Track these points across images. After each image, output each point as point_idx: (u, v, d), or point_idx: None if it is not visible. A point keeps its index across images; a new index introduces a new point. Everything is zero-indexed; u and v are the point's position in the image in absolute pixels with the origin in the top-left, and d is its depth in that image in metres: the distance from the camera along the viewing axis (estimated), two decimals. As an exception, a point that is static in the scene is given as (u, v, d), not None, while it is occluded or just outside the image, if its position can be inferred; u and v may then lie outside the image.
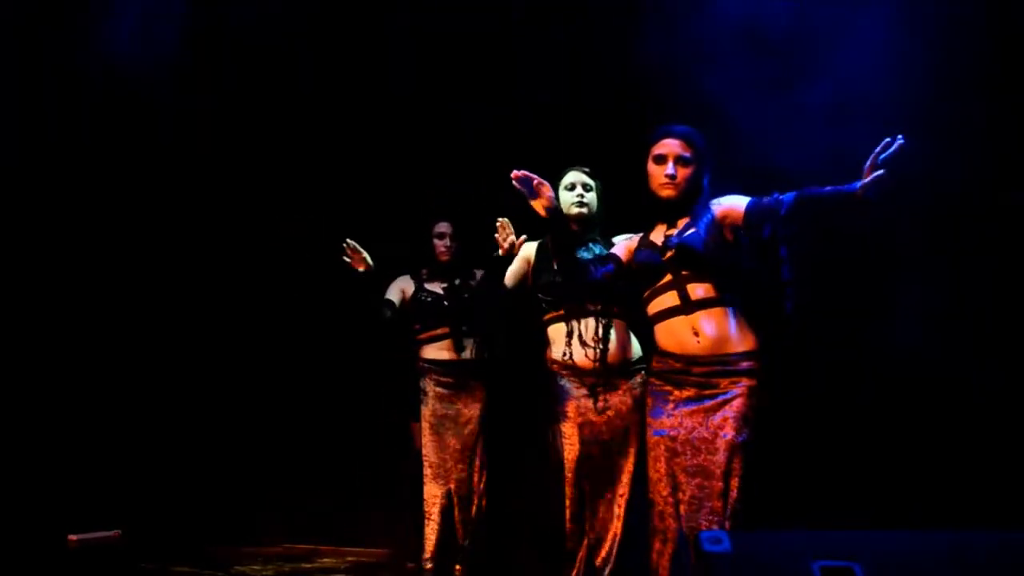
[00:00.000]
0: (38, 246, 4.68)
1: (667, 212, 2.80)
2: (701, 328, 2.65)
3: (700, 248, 2.66)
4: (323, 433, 4.87)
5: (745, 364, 2.64)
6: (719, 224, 2.69)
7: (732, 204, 2.70)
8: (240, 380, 5.05)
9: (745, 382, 2.63)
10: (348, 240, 3.75)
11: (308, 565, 4.49)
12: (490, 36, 4.39)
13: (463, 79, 4.45)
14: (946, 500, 3.29)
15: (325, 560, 4.61)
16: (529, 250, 3.39)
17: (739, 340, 2.66)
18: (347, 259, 3.74)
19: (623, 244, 2.95)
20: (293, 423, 4.98)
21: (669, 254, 2.72)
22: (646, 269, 2.77)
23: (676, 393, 2.69)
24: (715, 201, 2.74)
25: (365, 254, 3.74)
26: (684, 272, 2.69)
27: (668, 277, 2.72)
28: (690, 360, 2.67)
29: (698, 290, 2.67)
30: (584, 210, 3.33)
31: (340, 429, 4.81)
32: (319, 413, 4.89)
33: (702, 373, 2.65)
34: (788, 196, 2.57)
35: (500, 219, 3.06)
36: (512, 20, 4.35)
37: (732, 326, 2.66)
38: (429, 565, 3.83)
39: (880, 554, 1.73)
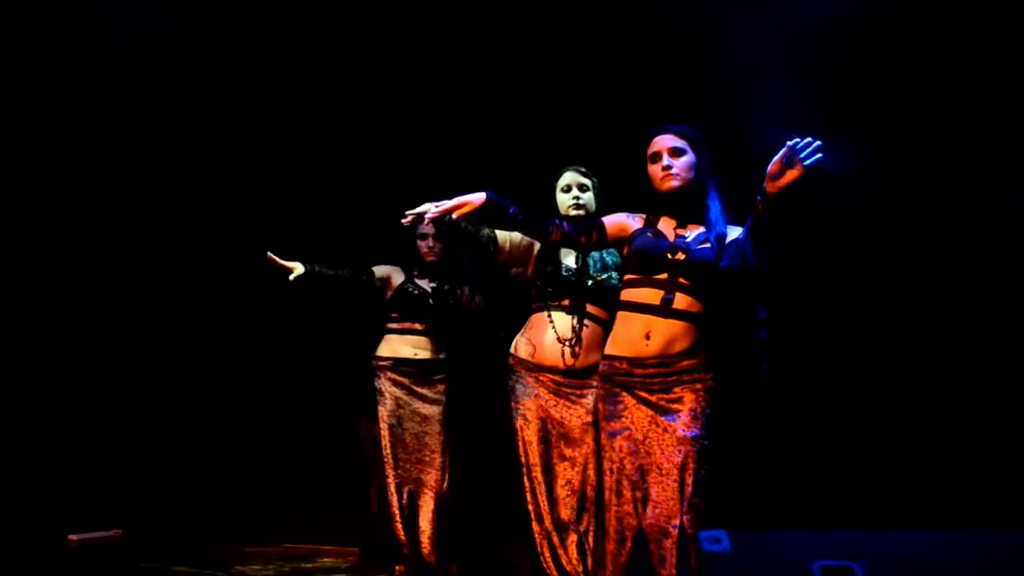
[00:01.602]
0: (38, 246, 4.68)
1: (675, 206, 2.78)
2: (655, 332, 2.66)
3: (712, 262, 2.66)
4: (324, 433, 4.86)
5: (687, 362, 2.65)
6: (722, 244, 2.69)
7: (736, 234, 2.71)
8: (241, 380, 5.04)
9: (693, 378, 2.65)
10: (268, 253, 3.76)
11: (308, 565, 4.49)
12: (490, 29, 4.36)
13: (460, 75, 4.43)
14: (946, 500, 3.29)
15: (325, 560, 4.60)
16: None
17: (685, 340, 2.66)
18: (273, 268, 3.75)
19: (617, 218, 2.86)
20: (294, 423, 4.98)
21: (680, 256, 2.70)
22: (645, 255, 2.73)
23: (625, 395, 2.69)
24: (731, 227, 2.74)
25: (285, 263, 3.77)
26: (682, 280, 2.68)
27: (664, 276, 2.69)
28: (635, 363, 2.68)
29: (683, 301, 2.67)
30: (582, 211, 3.30)
31: (341, 429, 4.79)
32: (320, 413, 4.88)
33: (646, 375, 2.66)
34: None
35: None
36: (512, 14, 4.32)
37: (684, 331, 2.66)
38: (426, 567, 3.81)
39: (880, 554, 1.74)
